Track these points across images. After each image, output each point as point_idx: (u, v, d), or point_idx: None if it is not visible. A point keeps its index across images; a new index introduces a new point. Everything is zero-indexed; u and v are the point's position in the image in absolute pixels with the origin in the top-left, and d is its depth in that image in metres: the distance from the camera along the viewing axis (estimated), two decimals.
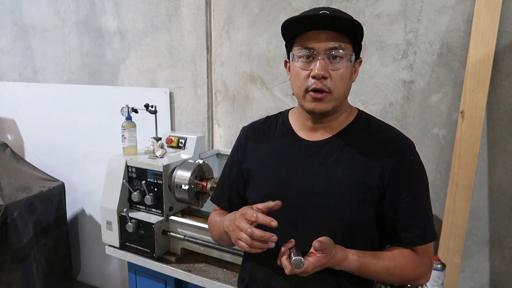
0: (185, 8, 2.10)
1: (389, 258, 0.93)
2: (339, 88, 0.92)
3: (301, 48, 0.93)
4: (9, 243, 2.17)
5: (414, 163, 0.95)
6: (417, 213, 0.94)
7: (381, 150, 0.95)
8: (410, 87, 1.64)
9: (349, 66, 0.92)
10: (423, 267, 0.95)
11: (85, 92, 2.57)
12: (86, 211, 2.81)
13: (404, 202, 0.93)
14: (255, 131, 1.14)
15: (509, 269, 1.57)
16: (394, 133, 1.00)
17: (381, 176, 0.93)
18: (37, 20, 2.68)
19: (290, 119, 1.09)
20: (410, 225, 0.94)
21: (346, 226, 0.94)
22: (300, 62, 0.93)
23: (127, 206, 1.79)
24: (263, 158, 1.07)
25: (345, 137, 0.99)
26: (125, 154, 1.84)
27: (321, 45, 0.90)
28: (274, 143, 1.07)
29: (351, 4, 1.68)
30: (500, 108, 1.49)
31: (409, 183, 0.94)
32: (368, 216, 0.95)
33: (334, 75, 0.91)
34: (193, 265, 1.68)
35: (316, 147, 0.99)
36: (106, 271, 2.81)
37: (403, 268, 0.93)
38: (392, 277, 0.94)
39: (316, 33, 0.90)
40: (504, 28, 1.43)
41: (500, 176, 1.53)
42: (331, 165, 0.96)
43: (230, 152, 1.19)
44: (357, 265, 0.91)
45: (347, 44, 0.91)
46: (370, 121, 1.02)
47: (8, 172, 2.42)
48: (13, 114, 2.95)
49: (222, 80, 2.10)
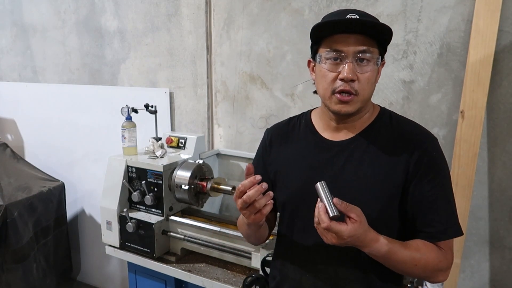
0: (185, 8, 2.10)
1: (415, 248, 0.93)
2: (365, 91, 0.93)
3: (329, 50, 0.93)
4: (9, 243, 2.17)
5: (437, 158, 0.96)
6: (440, 207, 0.94)
7: (404, 146, 0.96)
8: (410, 87, 1.64)
9: (375, 69, 0.94)
10: (445, 262, 0.95)
11: (85, 92, 2.57)
12: (86, 211, 2.81)
13: (427, 196, 0.93)
14: (279, 133, 1.15)
15: (509, 269, 1.57)
16: (416, 128, 1.00)
17: (405, 172, 0.94)
18: (37, 20, 2.68)
19: (313, 119, 1.10)
20: (432, 219, 0.93)
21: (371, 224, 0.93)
22: (327, 64, 0.94)
23: (127, 206, 1.79)
24: (288, 160, 1.08)
25: (368, 135, 1.00)
26: (125, 154, 1.84)
27: (350, 49, 0.91)
28: (298, 144, 1.08)
29: (351, 4, 1.68)
30: (500, 108, 1.49)
31: (432, 178, 0.94)
32: (393, 214, 0.96)
33: (361, 77, 0.92)
34: (193, 265, 1.68)
35: (341, 146, 1.01)
36: (106, 271, 2.81)
37: (428, 260, 0.92)
38: (416, 268, 0.92)
39: (345, 36, 0.91)
40: (504, 28, 1.43)
41: (500, 176, 1.53)
42: (356, 164, 0.97)
43: (255, 154, 1.21)
44: (386, 249, 0.89)
45: (374, 47, 0.92)
46: (391, 118, 1.03)
47: (8, 172, 2.42)
48: (13, 114, 2.95)
49: (222, 80, 2.10)
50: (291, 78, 1.89)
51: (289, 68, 1.88)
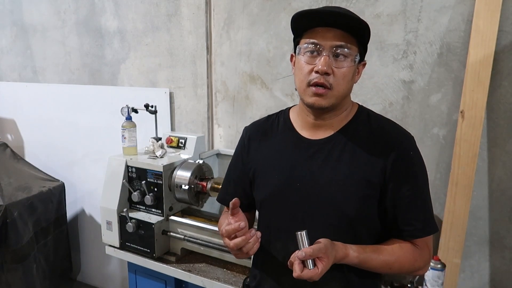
0: (185, 8, 2.10)
1: (388, 252, 0.95)
2: (340, 86, 0.93)
3: (308, 42, 0.94)
4: (9, 243, 2.17)
5: (414, 157, 0.97)
6: (417, 206, 0.95)
7: (381, 145, 0.96)
8: (410, 87, 1.64)
9: (352, 66, 0.94)
10: (422, 260, 0.97)
11: (85, 92, 2.57)
12: (86, 211, 2.81)
13: (405, 196, 0.94)
14: (257, 130, 1.15)
15: (509, 269, 1.57)
16: (394, 127, 1.01)
17: (382, 171, 0.94)
18: (37, 20, 2.68)
19: (291, 117, 1.10)
20: (410, 218, 0.95)
21: (349, 223, 0.96)
22: (305, 56, 0.94)
23: (127, 206, 1.79)
24: (266, 158, 1.08)
25: (345, 134, 1.00)
26: (125, 154, 1.84)
27: (327, 42, 0.91)
28: (276, 142, 1.08)
29: (351, 4, 1.68)
30: (500, 108, 1.49)
31: (409, 178, 0.95)
32: (371, 212, 0.97)
33: (337, 72, 0.92)
34: (193, 265, 1.68)
35: (318, 145, 1.01)
36: (106, 271, 2.81)
37: (402, 262, 0.95)
38: (391, 270, 0.97)
39: (324, 30, 0.92)
40: (504, 28, 1.43)
41: (500, 176, 1.53)
42: (334, 163, 0.98)
43: (234, 152, 1.21)
44: (357, 261, 0.93)
45: (353, 44, 0.93)
46: (369, 117, 1.03)
47: (8, 172, 2.42)
48: (13, 114, 2.95)
49: (222, 80, 2.10)
50: (291, 78, 1.89)
51: (289, 68, 1.88)
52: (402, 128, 1.01)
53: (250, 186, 1.13)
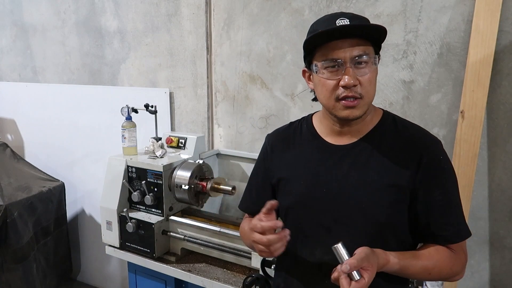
0: (185, 8, 2.10)
1: (427, 257, 0.93)
2: (369, 93, 0.93)
3: (325, 59, 0.92)
4: (9, 243, 2.17)
5: (443, 161, 0.96)
6: (450, 211, 0.94)
7: (409, 150, 0.95)
8: (410, 87, 1.64)
9: (374, 68, 0.93)
10: (459, 264, 0.95)
11: (85, 92, 2.57)
12: (86, 211, 2.81)
13: (437, 201, 0.93)
14: (280, 138, 1.14)
15: (509, 269, 1.57)
16: (421, 132, 1.00)
17: (412, 176, 0.93)
18: (37, 20, 2.68)
19: (315, 123, 1.09)
20: (444, 223, 0.94)
21: (379, 229, 0.94)
22: (326, 73, 0.92)
23: (127, 206, 1.79)
24: (291, 166, 1.07)
25: (372, 139, 0.99)
26: (125, 154, 1.84)
27: (346, 54, 0.89)
28: (300, 149, 1.07)
29: (351, 4, 1.68)
30: (500, 108, 1.49)
31: (440, 182, 0.94)
32: (400, 218, 0.95)
33: (363, 80, 0.91)
34: (193, 265, 1.68)
35: (345, 151, 0.99)
36: (106, 271, 2.81)
37: (441, 267, 0.93)
38: (430, 276, 0.94)
39: (339, 43, 0.89)
40: (504, 28, 1.43)
41: (500, 176, 1.53)
42: (362, 169, 0.96)
43: (256, 160, 1.20)
44: (398, 267, 0.90)
45: (369, 47, 0.92)
46: (396, 121, 1.02)
47: (8, 172, 2.42)
48: (13, 114, 2.95)
49: (222, 80, 2.10)
50: (291, 78, 1.89)
51: (289, 68, 1.88)
52: (429, 132, 1.00)
53: (273, 194, 1.12)
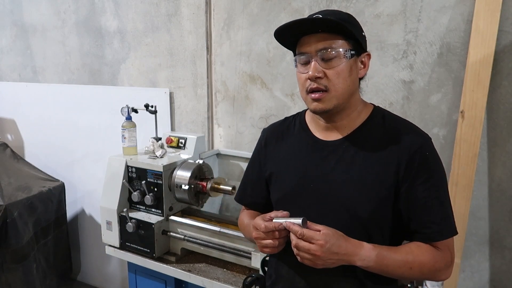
0: (185, 8, 2.10)
1: (406, 251, 0.93)
2: (337, 85, 0.94)
3: (298, 53, 0.98)
4: (9, 243, 2.17)
5: (429, 158, 0.95)
6: (434, 208, 0.93)
7: (395, 147, 0.95)
8: (410, 87, 1.64)
9: (346, 62, 0.94)
10: (442, 262, 0.94)
11: (85, 92, 2.57)
12: (86, 211, 2.81)
13: (420, 198, 0.93)
14: (274, 132, 1.17)
15: (509, 269, 1.57)
16: (409, 128, 1.00)
17: (396, 173, 0.94)
18: (37, 20, 2.68)
19: (307, 119, 1.11)
20: (428, 221, 0.93)
21: (362, 224, 0.95)
22: (300, 66, 0.98)
23: (127, 206, 1.79)
24: (282, 159, 1.10)
25: (359, 136, 1.00)
26: (125, 154, 1.84)
27: (312, 48, 0.94)
28: (292, 143, 1.10)
29: (351, 4, 1.68)
30: (500, 108, 1.49)
31: (425, 179, 0.93)
32: (385, 214, 0.96)
33: (329, 73, 0.93)
34: (193, 265, 1.68)
35: (333, 147, 1.01)
36: (106, 271, 2.81)
37: (422, 262, 0.92)
38: (412, 271, 0.93)
39: (307, 38, 0.95)
40: (504, 28, 1.43)
41: (500, 176, 1.53)
42: (347, 165, 0.98)
43: (252, 153, 1.23)
44: (375, 254, 0.90)
45: (339, 41, 0.93)
46: (384, 118, 1.02)
47: (8, 172, 2.42)
48: (13, 114, 2.95)
49: (222, 80, 2.10)
50: (291, 78, 1.89)
51: (289, 68, 1.88)
52: (419, 128, 1.00)
53: (267, 187, 1.15)
